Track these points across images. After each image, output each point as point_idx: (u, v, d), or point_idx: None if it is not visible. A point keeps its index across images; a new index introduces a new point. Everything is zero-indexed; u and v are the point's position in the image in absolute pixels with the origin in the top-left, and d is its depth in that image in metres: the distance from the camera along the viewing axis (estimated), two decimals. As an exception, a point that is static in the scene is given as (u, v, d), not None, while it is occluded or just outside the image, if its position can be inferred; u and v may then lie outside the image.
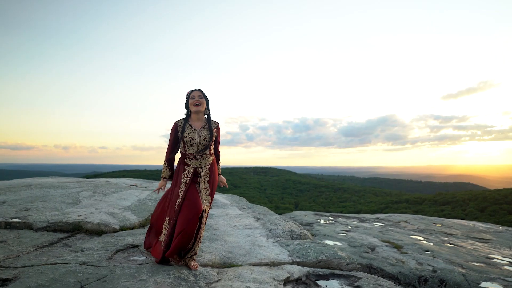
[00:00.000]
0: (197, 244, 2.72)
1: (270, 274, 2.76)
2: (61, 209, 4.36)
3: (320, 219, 6.45)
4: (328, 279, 2.89)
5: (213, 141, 2.85)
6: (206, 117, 2.91)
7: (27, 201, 4.71)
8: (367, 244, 4.42)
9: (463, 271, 3.49)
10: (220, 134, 2.98)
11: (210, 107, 2.92)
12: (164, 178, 2.93)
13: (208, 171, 2.84)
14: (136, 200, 5.38)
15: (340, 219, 6.74)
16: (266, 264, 3.03)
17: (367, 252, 4.08)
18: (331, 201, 63.31)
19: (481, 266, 3.79)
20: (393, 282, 3.19)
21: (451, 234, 5.81)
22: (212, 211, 5.25)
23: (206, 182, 2.82)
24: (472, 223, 7.40)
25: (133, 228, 3.90)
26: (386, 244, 4.56)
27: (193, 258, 2.74)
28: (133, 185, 7.19)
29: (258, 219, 4.84)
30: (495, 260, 4.16)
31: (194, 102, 2.78)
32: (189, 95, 2.84)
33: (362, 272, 3.17)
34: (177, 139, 2.83)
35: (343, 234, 5.03)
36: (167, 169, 2.91)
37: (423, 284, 3.28)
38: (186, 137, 2.75)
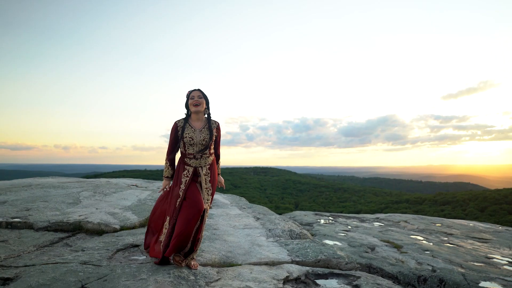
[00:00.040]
0: (198, 244, 2.73)
1: (270, 273, 2.77)
2: (62, 209, 4.38)
3: (320, 219, 6.46)
4: (327, 278, 2.91)
5: (213, 141, 2.86)
6: (206, 117, 2.92)
7: (28, 201, 4.72)
8: (367, 244, 4.43)
9: (463, 271, 3.50)
10: (221, 134, 2.98)
11: (210, 107, 2.93)
12: (167, 177, 2.92)
13: (209, 171, 2.84)
14: (137, 200, 5.39)
15: (340, 219, 6.75)
16: (266, 264, 3.04)
17: (367, 252, 4.09)
18: (331, 201, 63.26)
19: (481, 266, 3.80)
20: (392, 282, 3.20)
21: (451, 234, 5.82)
22: (212, 211, 5.26)
23: (208, 182, 2.83)
24: (472, 223, 7.41)
25: (134, 228, 3.91)
26: (386, 244, 4.57)
27: (193, 258, 2.76)
28: (134, 185, 7.20)
29: (258, 219, 4.85)
30: (495, 260, 4.16)
31: (194, 102, 2.78)
32: (189, 95, 2.84)
33: (361, 272, 3.18)
34: (177, 139, 2.83)
35: (343, 234, 5.04)
36: (169, 168, 2.91)
37: (423, 284, 3.29)
38: (186, 137, 2.76)
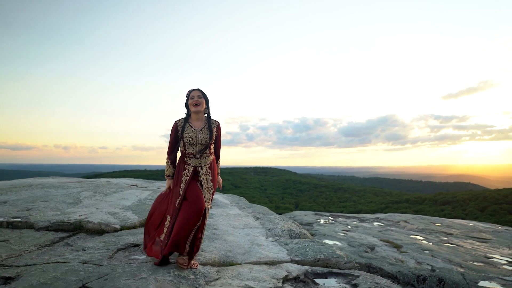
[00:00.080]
0: (199, 243, 2.74)
1: (269, 273, 2.78)
2: (62, 209, 4.39)
3: (320, 219, 6.47)
4: (326, 278, 2.92)
5: (213, 141, 2.87)
6: (206, 117, 2.92)
7: (29, 201, 4.74)
8: (367, 244, 4.45)
9: (462, 270, 3.51)
10: (221, 134, 2.99)
11: (211, 107, 2.93)
12: (168, 176, 2.92)
13: (209, 170, 2.85)
14: (137, 200, 5.40)
15: (340, 219, 6.76)
16: (265, 263, 3.05)
17: (367, 252, 4.10)
18: (331, 201, 63.24)
19: (480, 265, 3.81)
20: (392, 281, 3.21)
21: (451, 234, 5.83)
22: (212, 211, 5.27)
23: (210, 182, 2.84)
24: (472, 223, 7.42)
25: (134, 228, 3.93)
26: (386, 244, 4.58)
27: (193, 257, 2.77)
28: (134, 185, 7.22)
29: (258, 219, 4.86)
30: (494, 260, 4.18)
31: (193, 102, 2.78)
32: (189, 95, 2.84)
33: (360, 271, 3.20)
34: (177, 139, 2.84)
35: (343, 234, 5.05)
36: (170, 167, 2.91)
37: (422, 283, 3.31)
38: (186, 137, 2.77)
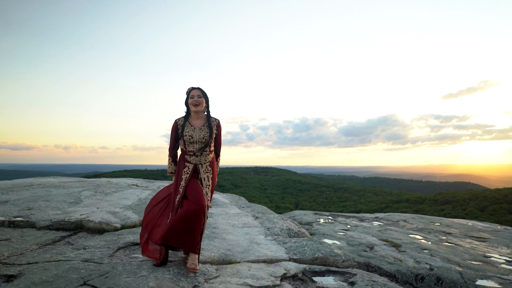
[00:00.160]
0: (200, 238, 2.75)
1: (267, 271, 2.81)
2: (63, 208, 4.42)
3: (320, 219, 6.50)
4: (324, 276, 2.95)
5: (213, 139, 2.89)
6: (206, 115, 2.93)
7: (30, 201, 4.77)
8: (366, 243, 4.47)
9: (460, 269, 3.54)
10: (221, 132, 2.99)
11: (211, 107, 2.95)
12: (171, 173, 2.95)
13: (209, 168, 2.87)
14: (137, 200, 5.43)
15: (340, 219, 6.79)
16: (264, 261, 3.08)
17: (365, 251, 4.13)
18: (332, 201, 63.21)
19: (478, 265, 3.84)
20: (389, 279, 3.23)
21: (450, 233, 5.86)
22: (212, 210, 5.30)
23: (210, 179, 2.86)
24: (471, 222, 7.45)
25: (134, 227, 3.95)
26: (385, 243, 4.61)
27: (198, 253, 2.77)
28: (134, 185, 7.24)
29: (257, 218, 4.89)
30: (492, 259, 4.20)
31: (193, 102, 2.79)
32: (189, 93, 2.85)
33: (358, 269, 3.22)
34: (178, 137, 2.86)
35: (342, 233, 5.08)
36: (172, 165, 2.94)
37: (420, 282, 3.33)
38: (186, 135, 2.79)
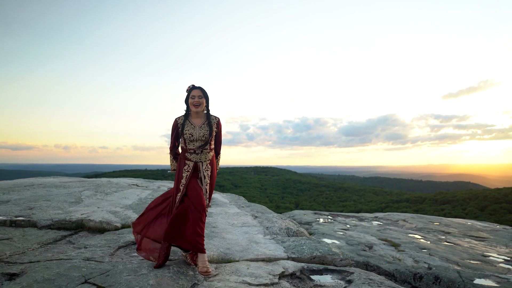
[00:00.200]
0: (199, 239, 2.77)
1: (266, 269, 2.84)
2: (64, 208, 4.45)
3: (319, 218, 6.52)
4: (322, 274, 2.98)
5: (213, 137, 2.91)
6: (206, 113, 2.95)
7: (31, 200, 4.80)
8: (365, 242, 4.49)
9: (458, 268, 3.56)
10: (221, 130, 3.01)
11: (211, 108, 2.97)
12: (174, 170, 2.99)
13: (209, 166, 2.89)
14: (137, 199, 5.46)
15: (339, 218, 6.81)
16: (262, 260, 3.11)
17: (364, 250, 4.15)
18: (332, 201, 63.24)
19: (477, 264, 3.86)
20: (386, 278, 3.26)
21: (449, 233, 5.88)
22: (211, 210, 5.32)
23: (209, 178, 2.89)
24: (470, 222, 7.46)
25: (135, 226, 3.98)
26: (384, 243, 4.63)
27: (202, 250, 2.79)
28: (134, 185, 7.27)
29: (256, 217, 4.91)
30: (491, 258, 4.22)
31: (194, 102, 2.82)
32: (190, 92, 2.86)
33: (355, 268, 3.25)
34: (178, 136, 2.89)
35: (341, 233, 5.10)
36: (173, 162, 2.99)
37: (418, 281, 3.35)
38: (186, 134, 2.81)
